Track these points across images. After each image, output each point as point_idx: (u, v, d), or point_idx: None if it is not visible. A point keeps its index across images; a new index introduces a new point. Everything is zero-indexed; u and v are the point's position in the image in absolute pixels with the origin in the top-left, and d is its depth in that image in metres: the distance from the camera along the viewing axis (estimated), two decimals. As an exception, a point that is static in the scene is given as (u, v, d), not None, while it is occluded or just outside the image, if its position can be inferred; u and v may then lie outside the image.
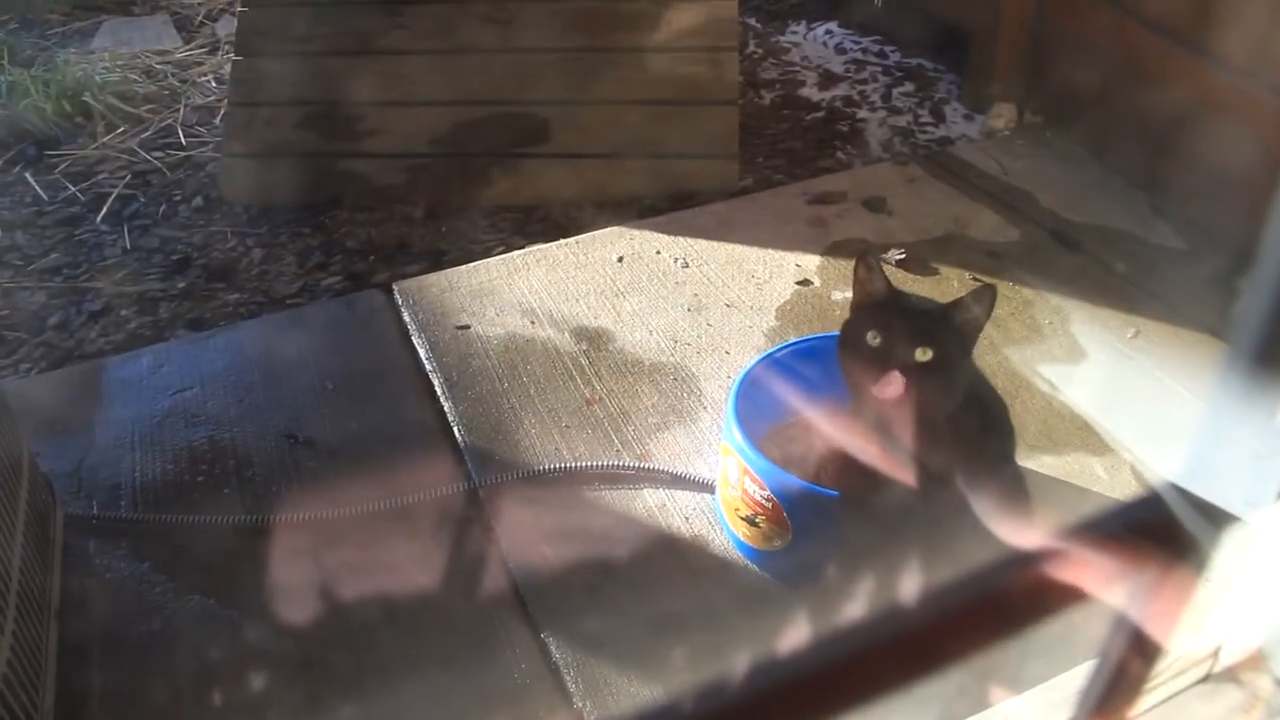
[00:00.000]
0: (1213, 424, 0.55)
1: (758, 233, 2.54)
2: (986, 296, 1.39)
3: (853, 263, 1.45)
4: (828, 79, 3.40)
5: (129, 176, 3.02)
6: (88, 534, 1.86)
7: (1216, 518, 0.51)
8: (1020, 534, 1.27)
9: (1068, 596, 0.49)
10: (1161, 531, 0.50)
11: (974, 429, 1.48)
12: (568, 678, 1.59)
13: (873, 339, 1.37)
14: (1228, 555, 0.93)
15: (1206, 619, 0.98)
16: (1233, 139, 2.26)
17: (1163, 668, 0.94)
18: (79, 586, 1.76)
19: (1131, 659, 0.55)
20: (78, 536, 1.85)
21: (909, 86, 3.33)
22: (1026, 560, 0.50)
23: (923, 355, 1.35)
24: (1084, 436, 1.96)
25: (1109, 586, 0.51)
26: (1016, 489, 1.54)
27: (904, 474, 1.38)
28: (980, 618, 0.48)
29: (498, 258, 2.53)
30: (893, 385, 1.33)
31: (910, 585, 1.30)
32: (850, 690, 0.45)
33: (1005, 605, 0.49)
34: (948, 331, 1.38)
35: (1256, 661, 1.01)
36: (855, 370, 1.42)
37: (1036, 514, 1.53)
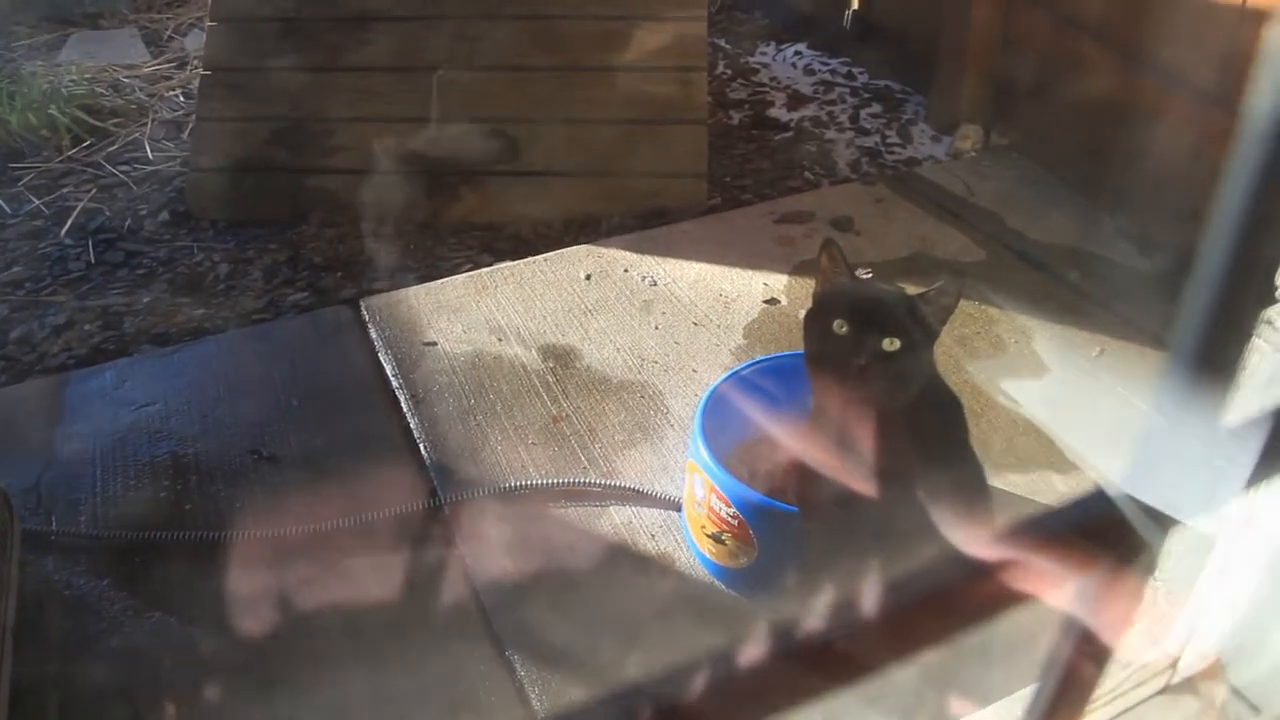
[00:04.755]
0: (1160, 430, 0.56)
1: (726, 252, 2.55)
2: (953, 288, 1.38)
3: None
4: (796, 100, 3.42)
5: (94, 190, 3.00)
6: (46, 551, 1.83)
7: (1166, 524, 0.52)
8: (976, 539, 1.27)
9: (1019, 601, 0.49)
10: (1111, 535, 0.51)
11: (931, 426, 1.47)
12: (532, 695, 1.58)
13: (839, 327, 1.35)
14: (1185, 566, 0.94)
15: (1166, 630, 0.98)
16: (1196, 160, 2.29)
17: (1122, 679, 0.94)
18: (36, 604, 1.73)
19: (1081, 664, 0.56)
20: (36, 553, 1.82)
21: (877, 108, 3.36)
22: (979, 566, 0.50)
23: (890, 345, 1.34)
24: (1049, 454, 1.97)
25: (1059, 591, 0.51)
26: (976, 487, 1.54)
27: (864, 481, 1.37)
28: (932, 623, 0.48)
29: (466, 275, 2.53)
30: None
31: (870, 594, 1.29)
32: (803, 694, 0.45)
33: (957, 610, 0.49)
34: (915, 321, 1.38)
35: (1215, 671, 1.02)
36: (822, 359, 1.41)
37: (995, 517, 1.53)
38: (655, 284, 2.45)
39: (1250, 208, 0.56)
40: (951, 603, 0.50)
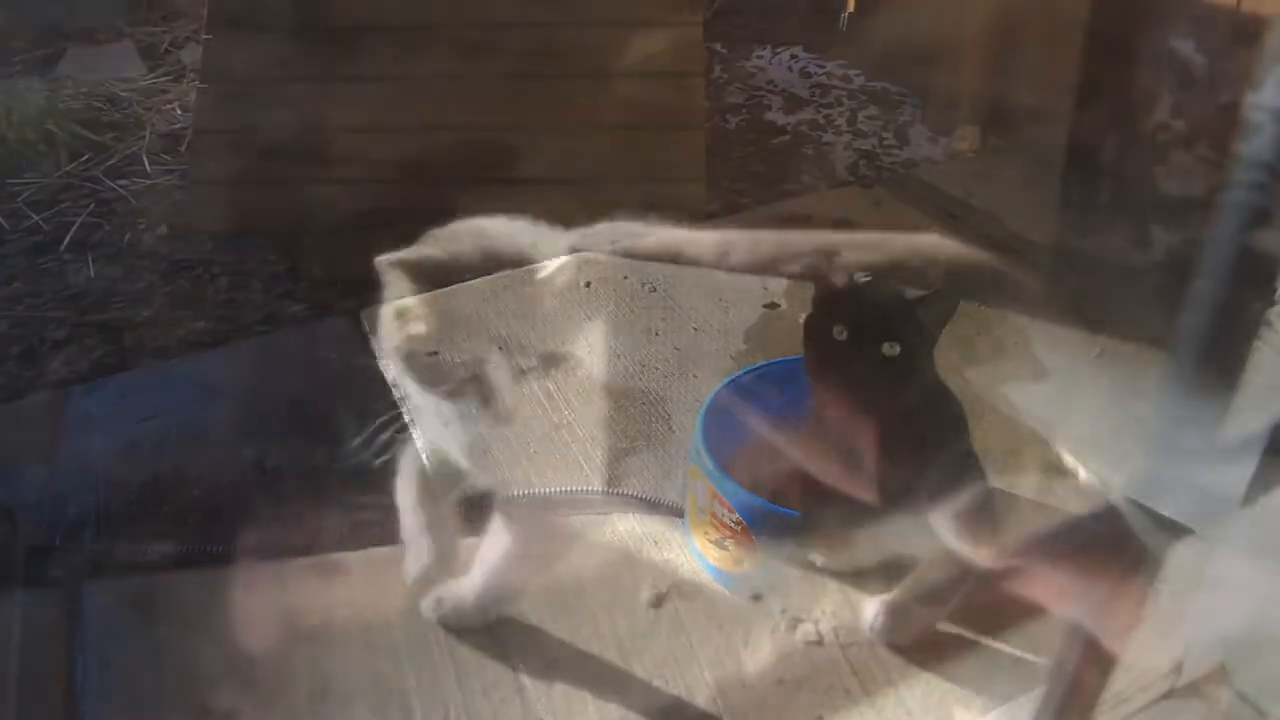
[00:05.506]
0: (1163, 433, 0.56)
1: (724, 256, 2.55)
2: (952, 291, 1.39)
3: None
4: (793, 103, 3.42)
5: (93, 205, 3.00)
6: (50, 567, 1.83)
7: (1169, 528, 0.51)
8: (981, 547, 1.27)
9: (1023, 607, 0.49)
10: (1115, 540, 0.51)
11: (933, 430, 1.47)
12: (539, 704, 1.57)
13: (839, 333, 1.36)
14: (1187, 570, 0.93)
15: (1169, 634, 0.98)
16: (1196, 161, 2.29)
17: (1125, 684, 0.94)
18: (40, 620, 1.73)
19: (1086, 670, 0.56)
20: (39, 569, 1.81)
21: (874, 110, 3.36)
22: (986, 576, 0.50)
23: (890, 349, 1.34)
24: (1049, 457, 1.96)
25: (1063, 596, 0.51)
26: (978, 490, 1.53)
27: (866, 485, 1.37)
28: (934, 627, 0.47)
29: (466, 284, 2.52)
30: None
31: (872, 599, 1.30)
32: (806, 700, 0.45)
33: (960, 615, 0.49)
34: (914, 325, 1.38)
35: (1219, 675, 1.02)
36: (822, 364, 1.41)
37: (997, 521, 1.52)
38: (655, 290, 2.44)
39: (1251, 209, 0.56)
40: (954, 608, 0.50)
